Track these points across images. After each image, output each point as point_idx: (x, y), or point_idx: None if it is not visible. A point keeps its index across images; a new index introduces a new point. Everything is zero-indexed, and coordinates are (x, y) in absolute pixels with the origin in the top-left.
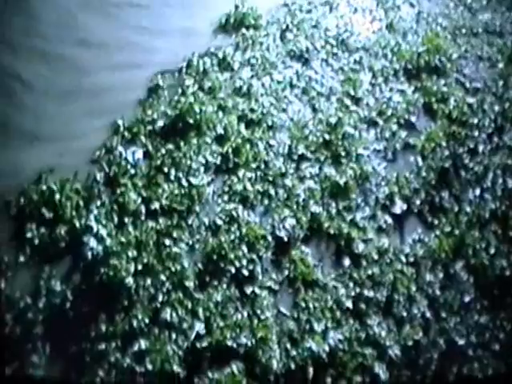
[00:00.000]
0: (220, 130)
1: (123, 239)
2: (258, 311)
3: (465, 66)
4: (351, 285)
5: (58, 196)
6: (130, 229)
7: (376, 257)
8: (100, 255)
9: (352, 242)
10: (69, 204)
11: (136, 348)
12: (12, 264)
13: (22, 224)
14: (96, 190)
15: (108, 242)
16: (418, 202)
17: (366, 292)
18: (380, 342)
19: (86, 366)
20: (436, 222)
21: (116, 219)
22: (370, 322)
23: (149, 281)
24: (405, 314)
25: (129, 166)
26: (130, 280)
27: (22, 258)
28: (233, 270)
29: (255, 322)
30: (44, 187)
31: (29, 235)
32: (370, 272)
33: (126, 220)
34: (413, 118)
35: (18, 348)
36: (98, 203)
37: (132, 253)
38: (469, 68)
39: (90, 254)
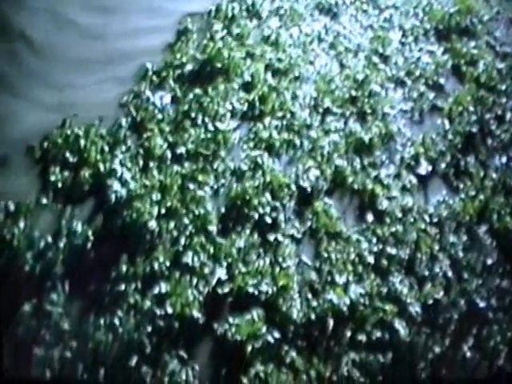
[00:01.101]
0: (247, 77)
1: (147, 183)
2: (280, 259)
3: (496, 28)
4: (374, 240)
5: (82, 141)
6: (155, 173)
7: (400, 215)
8: (123, 198)
9: (376, 199)
10: (93, 148)
11: (156, 291)
12: (33, 206)
13: (46, 168)
14: (121, 135)
15: (132, 185)
16: (443, 165)
17: (388, 249)
18: (401, 298)
19: (105, 306)
20: (461, 185)
21: (141, 163)
22: (391, 279)
23: (172, 224)
24: (427, 272)
25: (156, 111)
26: (152, 223)
27: (44, 201)
28: (256, 217)
29: (277, 269)
30: (68, 132)
31: (52, 178)
32: (393, 229)
33: (151, 164)
34: (441, 80)
35: (38, 286)
36: (124, 148)
37: (156, 196)
38: (500, 31)
39: (113, 196)
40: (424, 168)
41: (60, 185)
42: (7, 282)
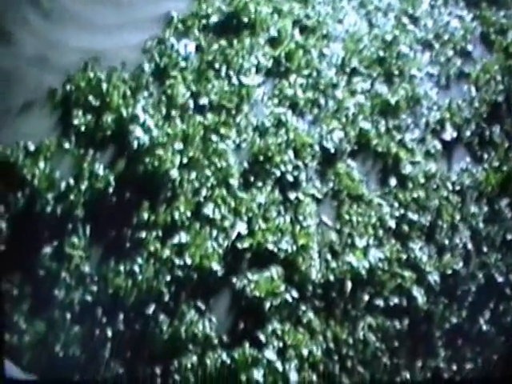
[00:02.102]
0: (274, 33)
1: (170, 131)
2: (301, 218)
3: None
4: (396, 205)
5: (105, 84)
6: (178, 122)
7: (422, 180)
8: (146, 145)
9: (399, 163)
10: (116, 93)
11: (176, 240)
12: (55, 148)
13: (68, 111)
14: (144, 81)
15: (155, 132)
16: (468, 133)
17: (410, 214)
18: (420, 266)
19: (125, 252)
20: (485, 155)
21: (163, 111)
22: (411, 245)
23: (193, 175)
24: (447, 242)
25: (180, 59)
26: (174, 172)
27: (66, 144)
28: (278, 174)
29: (297, 228)
30: (91, 75)
31: (75, 122)
32: (415, 195)
33: (174, 113)
34: (469, 47)
35: (59, 228)
36: (146, 94)
37: (178, 145)
38: None
39: (135, 143)
40: (449, 134)
41: (83, 128)
42: (28, 223)
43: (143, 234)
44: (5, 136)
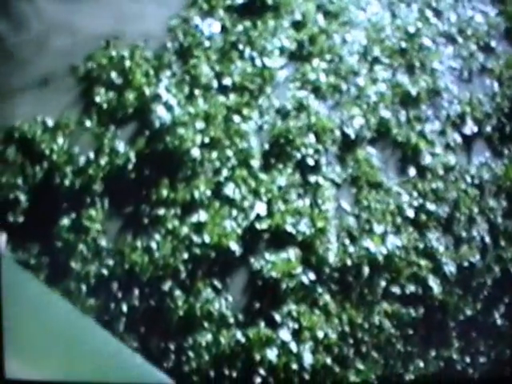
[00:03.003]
0: (298, 16)
1: (192, 110)
2: (320, 201)
3: None
4: (414, 194)
5: (127, 62)
6: (200, 101)
7: (441, 172)
8: (167, 124)
9: (419, 153)
10: (138, 71)
11: (195, 219)
12: (75, 124)
13: (89, 88)
14: (167, 60)
15: (177, 111)
16: (488, 128)
17: (428, 204)
18: (437, 256)
19: (143, 228)
20: (505, 150)
21: (186, 90)
22: (428, 235)
23: (214, 154)
24: (464, 234)
25: (203, 39)
26: (195, 151)
27: (87, 121)
28: (298, 157)
29: (316, 211)
30: (113, 53)
31: (97, 99)
32: (434, 186)
33: (197, 92)
34: (492, 43)
35: (77, 201)
36: (169, 73)
37: (200, 125)
38: None
39: (157, 121)
40: (469, 128)
41: (105, 106)
42: (46, 195)
43: (162, 211)
44: (24, 111)
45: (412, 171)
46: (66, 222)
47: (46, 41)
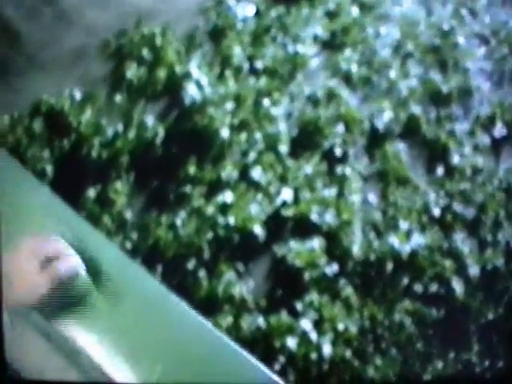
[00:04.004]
0: (332, 6)
1: (222, 91)
2: (346, 193)
3: None
4: (441, 194)
5: (159, 39)
6: (231, 82)
7: (469, 173)
8: (197, 102)
9: (447, 153)
10: (170, 48)
11: (220, 199)
12: (104, 99)
13: (120, 63)
14: (199, 39)
15: (207, 90)
16: None
17: (454, 205)
18: (461, 257)
19: (169, 205)
20: None
21: (217, 70)
22: (453, 236)
23: (243, 137)
24: (489, 237)
25: (237, 21)
26: (225, 132)
27: (117, 96)
28: (326, 146)
29: (342, 203)
30: (145, 30)
31: (128, 75)
32: (461, 187)
33: (228, 73)
34: None
35: (103, 173)
36: (200, 52)
37: (230, 106)
38: None
39: (187, 99)
40: (498, 130)
41: (135, 82)
42: (72, 166)
43: (188, 189)
44: (53, 85)
45: (440, 170)
46: (91, 193)
47: (79, 15)
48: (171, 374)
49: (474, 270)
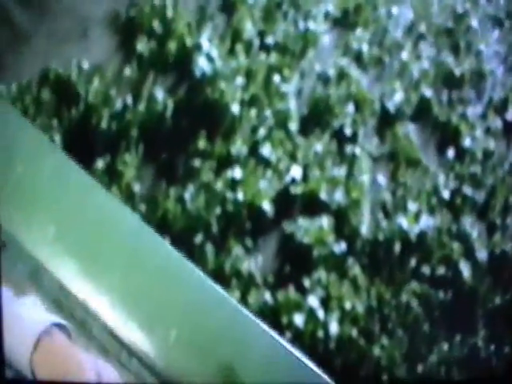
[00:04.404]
0: None
1: (234, 65)
2: (355, 172)
3: None
4: (451, 177)
5: (169, 11)
6: (242, 57)
7: (480, 157)
8: (208, 76)
9: (459, 135)
10: (181, 21)
11: (229, 174)
12: (113, 70)
13: (130, 35)
14: (210, 12)
15: (218, 64)
16: None
17: (464, 188)
18: (469, 241)
19: (178, 178)
20: None
21: (228, 44)
22: (462, 219)
23: (253, 112)
24: (498, 222)
25: None
26: (235, 107)
27: (126, 68)
28: (336, 125)
29: (351, 182)
30: (156, 1)
31: (139, 47)
32: (472, 170)
33: (239, 47)
34: None
35: (112, 144)
36: (211, 25)
37: (240, 80)
38: None
39: (198, 72)
40: (511, 114)
41: (145, 54)
42: (81, 137)
43: (197, 163)
44: (62, 55)
45: (451, 153)
46: (100, 164)
47: None
48: (186, 339)
49: (482, 254)
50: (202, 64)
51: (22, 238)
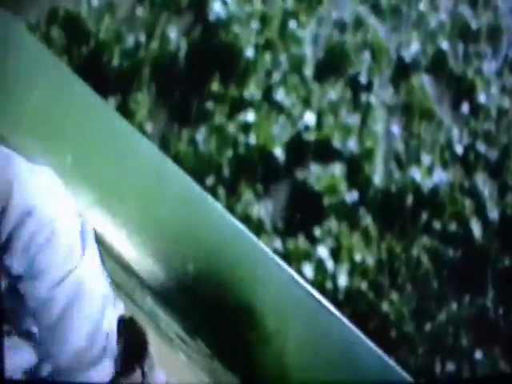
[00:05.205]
0: None
1: (248, 9)
2: (369, 121)
3: None
4: (465, 132)
5: None
6: (257, 1)
7: (494, 114)
8: (222, 19)
9: (474, 90)
10: None
11: (242, 118)
12: (125, 10)
13: None
14: None
15: (233, 7)
16: None
17: (478, 145)
18: (481, 199)
19: (190, 119)
20: None
21: None
22: (475, 176)
23: (268, 57)
24: (511, 181)
25: None
26: (250, 51)
27: (138, 8)
28: (351, 72)
29: (365, 131)
30: None
31: None
32: (486, 127)
33: None
34: None
35: (124, 83)
36: None
37: (255, 25)
38: None
39: (212, 15)
40: None
41: None
42: (92, 75)
43: (210, 106)
44: None
45: (465, 108)
46: (112, 102)
47: None
48: (203, 274)
49: (493, 214)
50: (216, 7)
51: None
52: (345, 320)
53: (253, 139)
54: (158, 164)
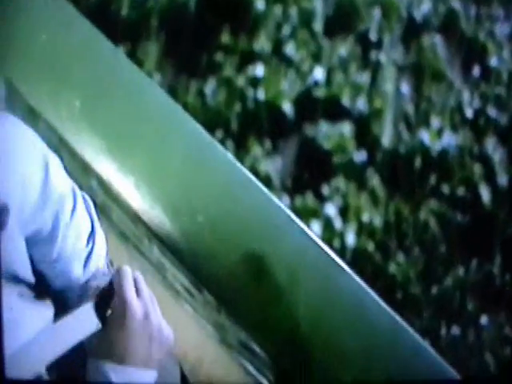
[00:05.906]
0: None
1: None
2: (379, 80)
3: None
4: (476, 95)
5: None
6: None
7: (506, 79)
8: None
9: (485, 54)
10: None
11: (251, 71)
12: None
13: None
14: None
15: None
16: None
17: (488, 110)
18: (491, 164)
19: (199, 71)
20: None
21: None
22: (485, 141)
23: (278, 10)
24: None
25: None
26: (260, 3)
27: None
28: (362, 29)
29: (374, 90)
30: None
31: None
32: (496, 91)
33: None
34: None
35: (133, 32)
36: None
37: None
38: None
39: None
40: None
41: None
42: (101, 24)
43: (219, 58)
44: None
45: (476, 71)
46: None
47: None
48: (212, 225)
49: (502, 180)
50: None
51: (47, 111)
52: (355, 276)
53: (261, 94)
54: (168, 110)
